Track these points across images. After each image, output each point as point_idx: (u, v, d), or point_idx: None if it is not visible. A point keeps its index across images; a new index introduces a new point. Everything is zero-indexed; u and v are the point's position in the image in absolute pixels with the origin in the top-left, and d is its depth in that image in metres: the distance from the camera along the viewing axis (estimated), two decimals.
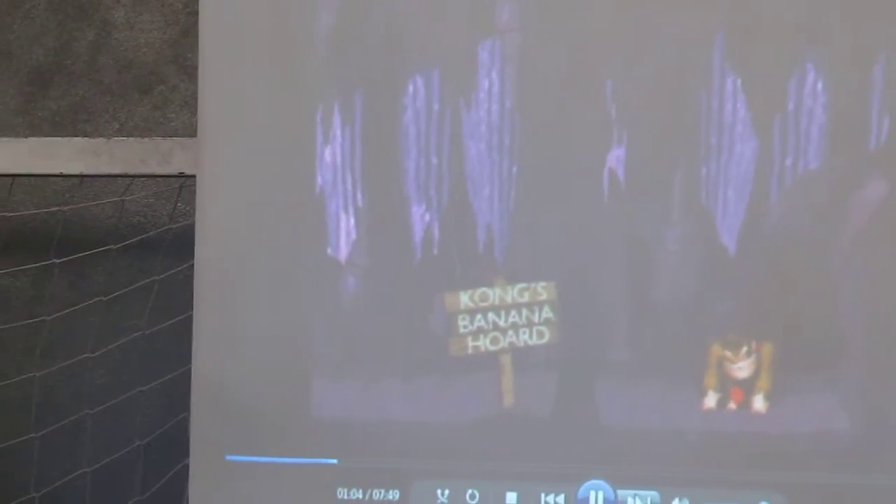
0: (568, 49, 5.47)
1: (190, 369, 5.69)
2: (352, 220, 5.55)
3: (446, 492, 5.49)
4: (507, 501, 5.49)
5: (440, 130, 5.49)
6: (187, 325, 5.70)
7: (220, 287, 5.74)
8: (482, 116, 5.44)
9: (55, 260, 6.57)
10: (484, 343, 5.42)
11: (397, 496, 5.52)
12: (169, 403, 6.50)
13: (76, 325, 6.92)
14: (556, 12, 5.49)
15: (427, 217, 5.47)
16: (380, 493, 5.52)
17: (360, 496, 5.53)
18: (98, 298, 6.76)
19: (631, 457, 5.41)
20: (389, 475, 5.56)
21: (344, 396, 5.61)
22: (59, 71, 7.44)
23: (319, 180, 5.57)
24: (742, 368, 5.32)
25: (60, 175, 6.89)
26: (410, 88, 5.50)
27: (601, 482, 5.37)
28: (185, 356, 5.71)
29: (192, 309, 5.72)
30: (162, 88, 7.15)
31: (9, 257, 6.27)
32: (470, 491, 5.46)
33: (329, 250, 5.56)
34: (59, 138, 7.04)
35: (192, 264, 5.69)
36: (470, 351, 5.46)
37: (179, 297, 6.28)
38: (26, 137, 7.00)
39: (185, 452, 5.73)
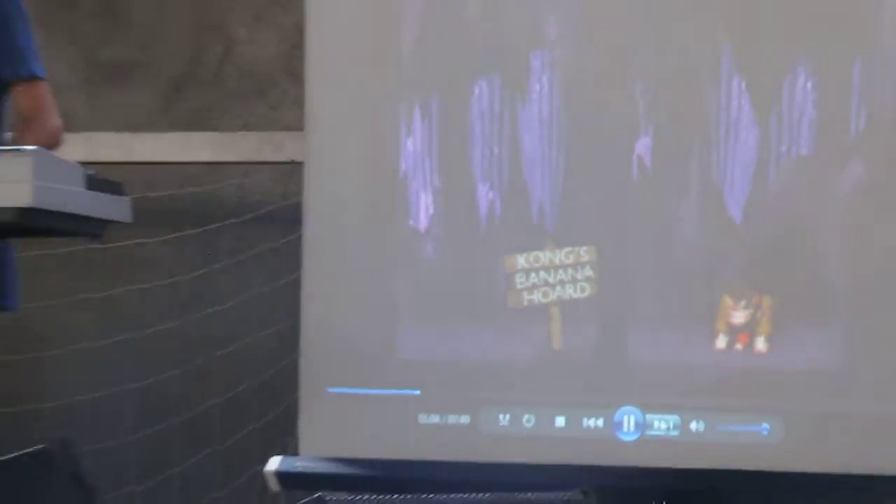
0: (603, 57, 6.44)
1: (299, 320, 6.65)
2: (430, 198, 6.50)
3: (507, 416, 6.40)
4: (556, 424, 6.39)
5: (500, 125, 6.44)
6: (296, 283, 6.68)
7: (324, 252, 6.68)
8: (534, 113, 6.39)
9: (190, 231, 7.60)
10: (537, 297, 6.38)
11: (468, 420, 6.43)
12: (281, 347, 7.34)
13: (207, 285, 7.91)
14: (593, 28, 6.48)
15: (490, 195, 6.40)
16: (454, 417, 6.43)
17: (437, 420, 6.44)
18: (225, 262, 7.75)
19: (656, 388, 6.33)
20: (461, 403, 6.46)
21: (424, 340, 6.59)
22: (192, 78, 8.36)
23: (403, 166, 6.55)
24: (739, 316, 6.21)
25: (194, 163, 7.85)
26: (476, 91, 6.42)
27: (632, 408, 6.30)
28: (295, 309, 6.67)
29: (300, 270, 6.68)
30: (276, 92, 8.00)
31: (153, 229, 7.05)
32: (526, 416, 6.37)
33: (411, 222, 6.50)
34: (193, 133, 8.03)
35: (301, 234, 6.65)
36: (525, 303, 6.41)
37: (290, 261, 7.09)
38: (166, 132, 7.98)
39: (296, 388, 6.69)
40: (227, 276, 8.06)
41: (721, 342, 6.39)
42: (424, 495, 5.35)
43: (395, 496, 5.26)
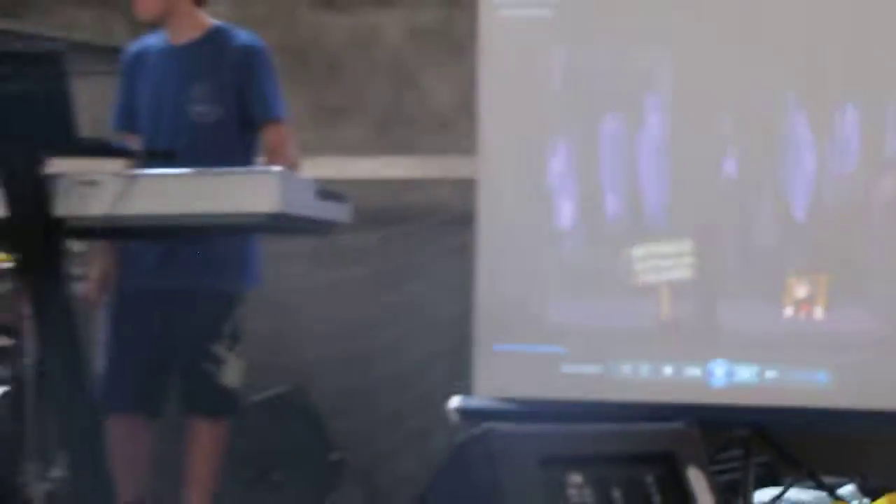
0: (699, 99, 7.50)
1: (473, 297, 7.72)
2: (570, 205, 7.65)
3: (628, 366, 7.48)
4: (665, 372, 7.42)
5: (622, 150, 7.57)
6: (470, 269, 7.72)
7: (492, 246, 7.79)
8: (648, 141, 7.49)
9: (392, 231, 8.75)
10: (650, 277, 7.50)
11: (599, 369, 7.52)
12: (460, 317, 8.03)
13: (405, 271, 9.04)
14: (691, 77, 7.53)
15: (615, 202, 7.52)
16: (588, 367, 7.55)
17: (576, 369, 7.56)
18: (417, 255, 8.87)
19: (740, 345, 7.33)
20: (594, 356, 7.54)
21: (567, 310, 7.67)
22: (393, 116, 9.35)
23: (550, 181, 7.71)
24: (801, 291, 7.19)
25: (394, 179, 8.97)
26: (605, 124, 7.59)
27: (722, 360, 7.34)
28: (469, 288, 7.72)
29: (474, 259, 7.75)
30: (455, 126, 8.84)
31: (364, 228, 7.38)
32: (644, 366, 7.45)
33: (556, 222, 7.68)
34: (394, 157, 9.12)
35: (473, 232, 7.73)
36: (641, 283, 7.51)
37: (466, 253, 7.92)
38: (375, 156, 9.07)
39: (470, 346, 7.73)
40: (419, 264, 9.02)
41: (788, 311, 7.30)
42: (567, 425, 5.72)
43: (546, 426, 5.65)
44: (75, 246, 6.52)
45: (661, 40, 7.73)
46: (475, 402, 7.77)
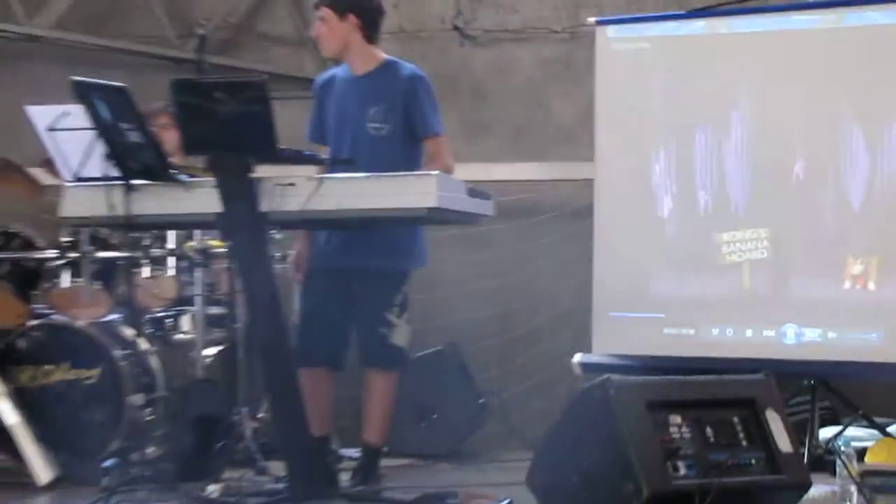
0: (773, 114, 7.48)
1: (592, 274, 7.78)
2: (669, 199, 7.69)
3: (716, 329, 7.52)
4: (746, 333, 7.45)
5: (711, 156, 7.56)
6: (589, 252, 7.81)
7: (607, 232, 7.84)
8: (732, 148, 7.50)
9: (523, 221, 8.67)
10: (734, 258, 7.50)
11: (693, 332, 7.56)
12: (578, 291, 8.15)
13: (530, 254, 8.92)
14: (766, 97, 7.48)
15: (705, 197, 7.57)
16: (685, 330, 7.58)
17: (675, 332, 7.60)
18: (541, 239, 8.78)
19: (807, 311, 7.32)
20: (689, 321, 7.60)
21: (667, 284, 7.68)
22: (527, 131, 9.33)
23: (653, 180, 7.74)
24: (857, 269, 7.18)
25: (529, 180, 8.93)
26: (697, 135, 7.60)
27: (792, 324, 7.34)
28: (588, 267, 7.80)
29: (591, 244, 7.82)
30: (577, 137, 8.77)
31: (503, 220, 7.32)
32: (729, 329, 7.49)
33: (658, 213, 7.72)
34: (529, 163, 9.08)
35: (591, 222, 7.82)
36: (728, 262, 7.51)
37: (585, 240, 7.95)
38: (512, 163, 9.04)
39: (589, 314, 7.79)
40: (544, 248, 8.88)
41: (846, 284, 7.26)
42: (668, 376, 5.55)
43: (651, 377, 5.60)
44: (276, 234, 6.61)
45: (738, 70, 7.66)
46: (594, 357, 7.79)
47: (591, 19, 8.16)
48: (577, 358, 7.83)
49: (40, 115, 6.77)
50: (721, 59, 7.75)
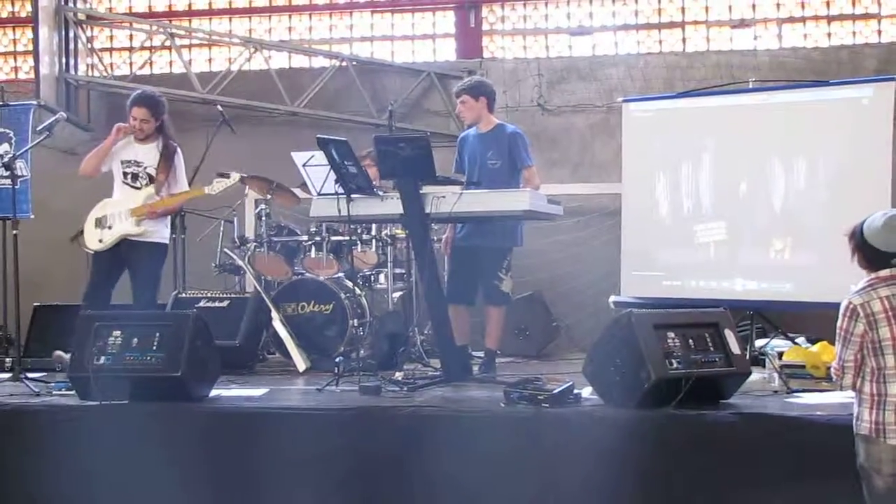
0: (729, 155, 7.25)
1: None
2: (666, 205, 7.52)
3: (694, 281, 7.33)
4: (712, 284, 7.25)
5: (692, 179, 7.41)
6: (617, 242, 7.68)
7: (629, 227, 7.66)
8: (705, 174, 7.37)
9: (574, 219, 8.58)
10: (705, 239, 7.37)
11: (679, 283, 7.35)
12: (613, 260, 7.85)
13: (586, 236, 8.78)
14: (725, 144, 7.27)
15: (688, 203, 7.39)
16: (675, 282, 7.40)
17: (671, 283, 7.38)
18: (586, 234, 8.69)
19: (749, 271, 7.13)
20: (678, 276, 7.38)
21: (666, 254, 7.46)
22: (582, 163, 9.22)
23: (656, 194, 7.56)
24: (778, 245, 7.07)
25: (580, 194, 8.62)
26: (682, 166, 7.45)
27: (740, 278, 7.17)
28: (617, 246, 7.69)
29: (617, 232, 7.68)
30: (613, 169, 8.47)
31: (564, 220, 7.45)
32: (701, 282, 7.31)
33: (659, 212, 7.50)
34: (584, 183, 8.93)
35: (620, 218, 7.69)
36: (701, 241, 7.36)
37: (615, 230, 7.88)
38: (571, 183, 8.86)
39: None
40: (593, 235, 8.74)
41: (772, 255, 7.13)
42: (666, 309, 5.50)
43: (656, 310, 5.42)
44: (435, 226, 6.48)
45: (707, 126, 7.50)
46: (622, 298, 7.62)
47: (620, 99, 8.07)
48: (612, 298, 7.70)
49: (299, 157, 6.83)
50: (696, 121, 7.59)
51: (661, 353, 4.87)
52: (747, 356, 5.41)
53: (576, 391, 5.11)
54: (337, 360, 6.06)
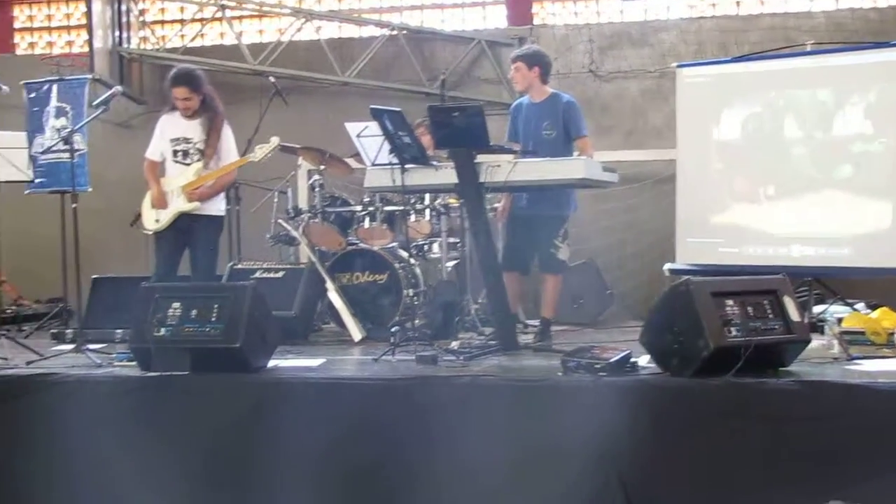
0: (781, 114, 7.15)
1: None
2: (720, 168, 7.38)
3: (752, 249, 7.19)
4: (769, 251, 7.10)
5: (747, 141, 7.26)
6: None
7: (684, 194, 7.56)
8: (761, 135, 7.25)
9: (627, 187, 8.64)
10: (766, 207, 7.24)
11: (737, 250, 7.23)
12: (666, 227, 7.77)
13: (642, 203, 8.84)
14: (776, 106, 7.14)
15: (746, 167, 7.29)
16: (732, 249, 7.24)
17: (726, 250, 7.26)
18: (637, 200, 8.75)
19: (807, 239, 7.04)
20: (735, 243, 7.26)
21: (721, 221, 7.34)
22: (635, 130, 9.20)
23: (711, 158, 7.44)
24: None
25: (631, 160, 8.65)
26: (735, 128, 7.33)
27: (797, 245, 7.06)
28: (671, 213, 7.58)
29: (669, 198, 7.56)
30: (667, 135, 8.40)
31: (618, 187, 7.39)
32: (759, 248, 7.16)
33: (714, 177, 7.39)
34: (638, 150, 8.94)
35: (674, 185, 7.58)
36: (762, 209, 7.26)
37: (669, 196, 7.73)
38: (624, 150, 8.79)
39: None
40: (647, 201, 8.83)
41: (829, 219, 6.96)
42: (723, 276, 5.36)
43: (714, 277, 5.29)
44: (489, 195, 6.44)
45: (759, 89, 7.37)
46: (677, 265, 7.56)
47: (674, 64, 7.96)
48: (667, 266, 7.63)
49: (352, 128, 6.86)
50: (753, 85, 7.43)
51: (720, 321, 4.80)
52: (806, 322, 5.31)
53: (633, 360, 5.07)
54: (392, 329, 6.07)
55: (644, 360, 5.14)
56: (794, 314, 5.02)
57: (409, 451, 4.82)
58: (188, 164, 6.59)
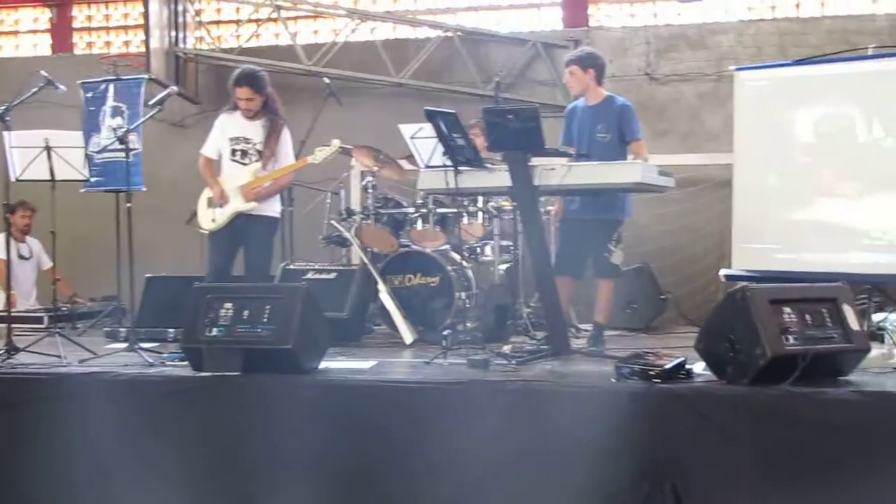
0: (838, 120, 7.03)
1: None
2: (775, 177, 7.30)
3: (810, 255, 7.04)
4: (828, 258, 6.95)
5: (807, 146, 7.19)
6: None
7: (741, 198, 7.40)
8: (818, 139, 7.20)
9: (683, 190, 8.47)
10: (825, 212, 7.10)
11: (795, 256, 7.10)
12: (722, 231, 7.74)
13: (697, 207, 8.73)
14: (834, 110, 7.03)
15: (802, 172, 7.15)
16: (789, 255, 7.10)
17: (784, 256, 7.11)
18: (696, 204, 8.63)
19: (867, 246, 6.89)
20: (793, 249, 7.13)
21: (778, 226, 7.21)
22: (691, 133, 9.15)
23: (769, 163, 7.32)
24: None
25: (685, 165, 8.49)
26: (792, 133, 7.21)
27: (857, 252, 6.91)
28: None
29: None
30: (723, 139, 8.32)
31: (674, 190, 6.81)
32: (818, 255, 7.01)
33: (771, 182, 7.29)
34: (694, 154, 8.86)
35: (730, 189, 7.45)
36: (820, 214, 7.10)
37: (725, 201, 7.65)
38: (681, 154, 8.76)
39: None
40: (703, 205, 8.71)
41: (890, 226, 6.85)
42: (780, 283, 5.57)
43: (771, 284, 5.41)
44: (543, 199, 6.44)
45: (819, 94, 7.26)
46: (733, 271, 7.45)
47: (732, 67, 7.83)
48: (723, 271, 7.54)
49: (406, 130, 6.86)
50: (813, 89, 7.32)
51: (777, 328, 4.74)
52: (866, 331, 5.26)
53: (687, 366, 5.01)
54: (444, 332, 6.05)
55: (699, 367, 5.07)
56: (853, 323, 4.94)
57: (461, 455, 4.78)
58: (246, 164, 6.65)
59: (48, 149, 6.34)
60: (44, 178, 6.37)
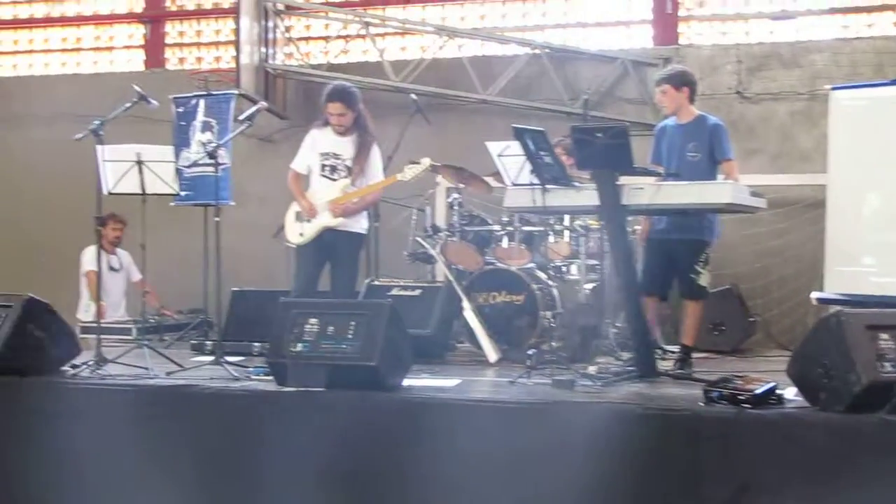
0: None
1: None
2: (873, 196, 7.20)
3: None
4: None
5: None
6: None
7: (835, 220, 7.36)
8: None
9: (772, 211, 8.28)
10: None
11: (893, 280, 6.94)
12: (814, 253, 7.59)
13: (788, 228, 8.46)
14: None
15: None
16: (887, 278, 6.97)
17: (880, 279, 7.02)
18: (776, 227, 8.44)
19: None
20: (891, 272, 7.02)
21: (874, 249, 7.13)
22: (782, 153, 8.98)
23: (864, 185, 7.23)
24: None
25: (785, 185, 8.45)
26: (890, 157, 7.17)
27: None
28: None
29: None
30: (816, 159, 8.29)
31: (772, 210, 6.73)
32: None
33: (869, 203, 7.22)
34: (784, 174, 8.65)
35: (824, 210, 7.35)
36: None
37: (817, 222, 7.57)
38: (768, 175, 8.57)
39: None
40: (794, 226, 8.50)
41: None
42: (878, 307, 5.49)
43: (867, 309, 5.51)
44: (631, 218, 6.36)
45: None
46: (827, 295, 7.33)
47: (827, 86, 7.70)
48: (815, 294, 7.42)
49: (493, 147, 6.85)
50: None
51: (873, 355, 4.60)
52: None
53: (778, 392, 4.89)
54: (529, 352, 6.01)
55: (790, 392, 4.95)
56: None
57: (543, 474, 4.73)
58: (335, 180, 6.72)
59: (140, 163, 6.41)
60: (135, 191, 6.44)
